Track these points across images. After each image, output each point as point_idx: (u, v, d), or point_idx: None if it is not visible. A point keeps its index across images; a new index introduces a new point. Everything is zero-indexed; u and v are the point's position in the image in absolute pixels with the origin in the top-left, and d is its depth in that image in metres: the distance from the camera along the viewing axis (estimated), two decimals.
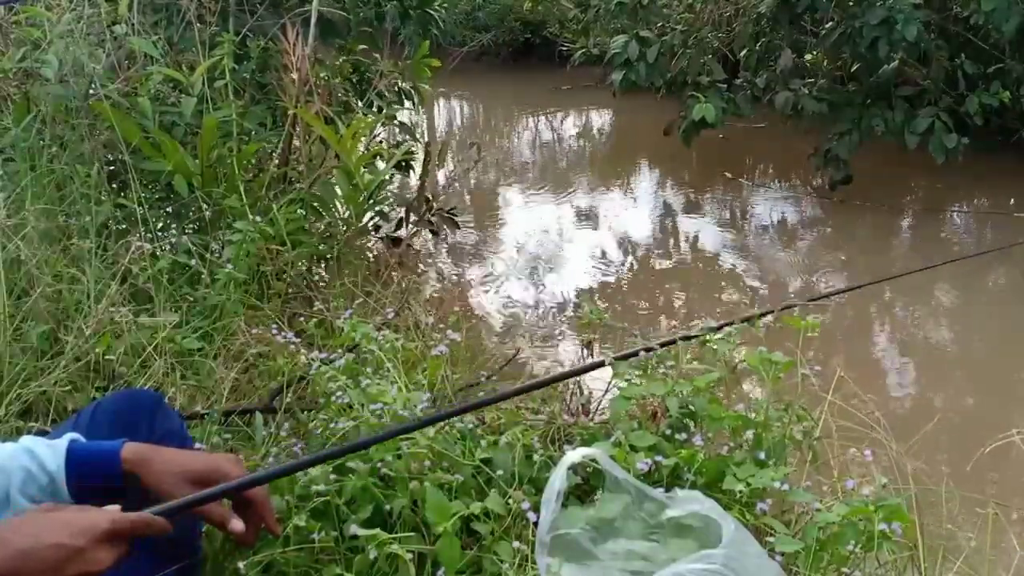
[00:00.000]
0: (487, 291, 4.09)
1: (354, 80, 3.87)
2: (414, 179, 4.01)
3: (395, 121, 3.85)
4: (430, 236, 4.15)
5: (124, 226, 2.62)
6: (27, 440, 1.10)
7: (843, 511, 1.47)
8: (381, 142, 3.70)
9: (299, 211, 2.81)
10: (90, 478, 1.08)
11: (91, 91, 2.63)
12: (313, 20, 3.22)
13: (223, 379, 2.06)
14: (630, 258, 4.69)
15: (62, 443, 1.09)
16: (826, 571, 1.48)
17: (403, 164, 3.85)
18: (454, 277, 4.26)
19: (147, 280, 2.28)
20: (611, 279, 4.37)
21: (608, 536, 1.39)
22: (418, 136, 3.92)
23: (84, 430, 1.17)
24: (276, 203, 2.76)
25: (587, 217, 5.38)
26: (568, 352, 3.40)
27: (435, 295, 3.52)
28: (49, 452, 1.08)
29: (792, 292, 4.17)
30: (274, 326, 2.29)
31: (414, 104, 4.03)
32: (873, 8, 4.74)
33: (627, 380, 1.78)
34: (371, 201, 3.10)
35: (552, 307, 3.95)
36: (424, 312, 2.59)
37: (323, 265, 3.01)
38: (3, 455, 1.07)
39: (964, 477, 2.03)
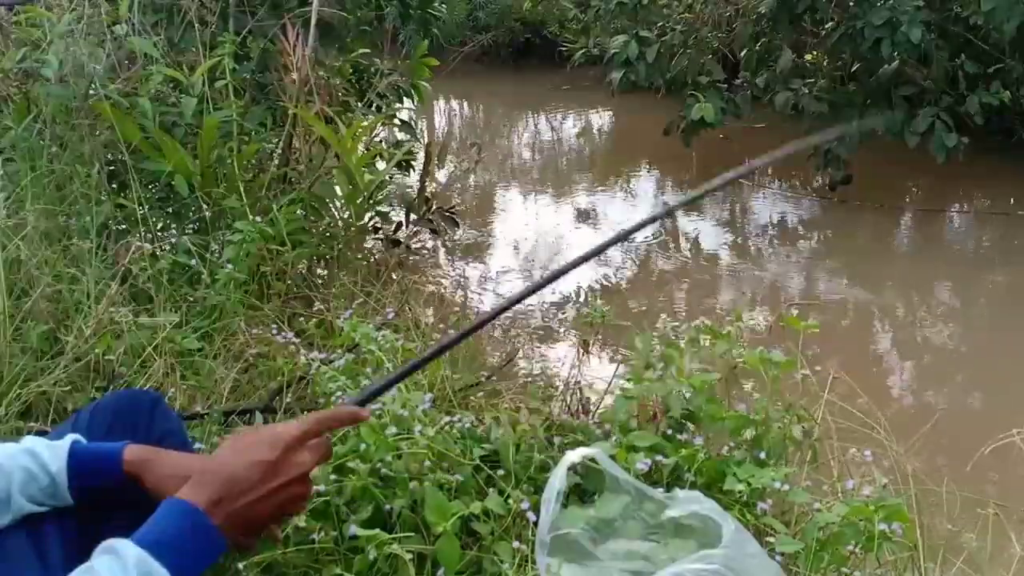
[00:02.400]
0: (487, 291, 4.09)
1: (354, 80, 3.87)
2: (414, 179, 4.01)
3: (395, 121, 3.85)
4: (430, 236, 4.15)
5: (124, 226, 2.62)
6: (28, 441, 1.10)
7: (843, 511, 1.47)
8: (381, 142, 3.70)
9: (299, 211, 2.81)
10: (91, 479, 1.08)
11: (91, 91, 2.63)
12: (313, 21, 3.22)
13: (223, 379, 2.06)
14: (630, 258, 4.69)
15: (63, 444, 1.09)
16: (826, 571, 1.48)
17: (403, 164, 3.85)
18: (454, 277, 4.26)
19: (147, 280, 2.28)
20: (611, 279, 4.37)
21: (608, 536, 1.39)
22: (418, 136, 3.92)
23: (83, 430, 1.17)
24: (276, 203, 2.76)
25: (587, 216, 5.38)
26: (568, 351, 3.40)
27: (435, 295, 3.52)
28: (50, 453, 1.07)
29: (792, 292, 4.17)
30: (274, 326, 2.29)
31: (414, 104, 4.03)
32: (876, 9, 4.73)
33: (628, 380, 1.78)
34: (371, 201, 3.10)
35: (552, 307, 3.95)
36: (424, 312, 2.59)
37: (323, 265, 3.01)
38: (3, 455, 1.06)
39: (964, 477, 2.03)
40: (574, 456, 1.35)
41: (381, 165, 3.32)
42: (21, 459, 1.06)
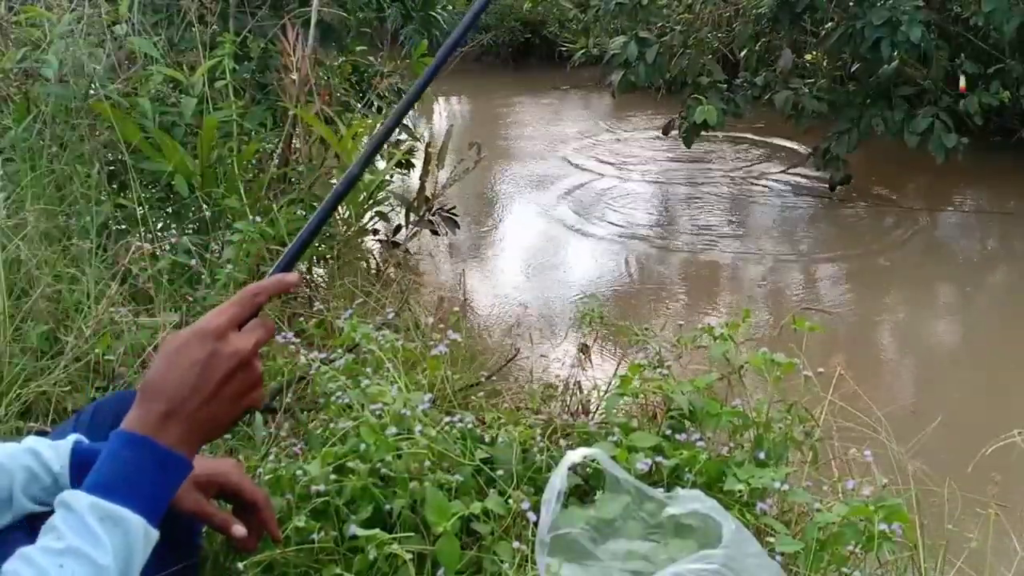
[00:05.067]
0: (487, 291, 4.09)
1: (354, 80, 3.87)
2: (414, 179, 4.01)
3: None
4: (430, 236, 4.15)
5: (124, 226, 2.62)
6: (31, 440, 1.10)
7: (843, 511, 1.47)
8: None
9: (299, 211, 2.81)
10: None
11: (91, 91, 2.63)
12: (313, 21, 3.22)
13: None
14: (629, 257, 4.69)
15: (66, 444, 1.09)
16: (826, 571, 1.48)
17: (403, 164, 3.85)
18: (454, 277, 4.26)
19: (147, 280, 2.28)
20: (611, 278, 4.37)
21: (608, 536, 1.38)
22: (418, 136, 3.92)
23: (84, 430, 1.17)
24: (276, 203, 2.76)
25: (586, 217, 5.38)
26: (568, 351, 3.39)
27: (435, 295, 3.51)
28: (53, 453, 1.07)
29: (791, 292, 4.17)
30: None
31: (414, 105, 4.02)
32: (876, 9, 4.74)
33: (622, 377, 1.78)
34: (371, 201, 3.10)
35: (552, 306, 3.95)
36: (424, 312, 2.59)
37: (323, 265, 3.01)
38: (6, 455, 1.06)
39: (965, 477, 2.02)
40: (575, 456, 1.35)
41: (381, 165, 3.31)
42: (23, 459, 1.06)
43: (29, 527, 1.06)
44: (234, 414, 0.89)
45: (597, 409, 2.02)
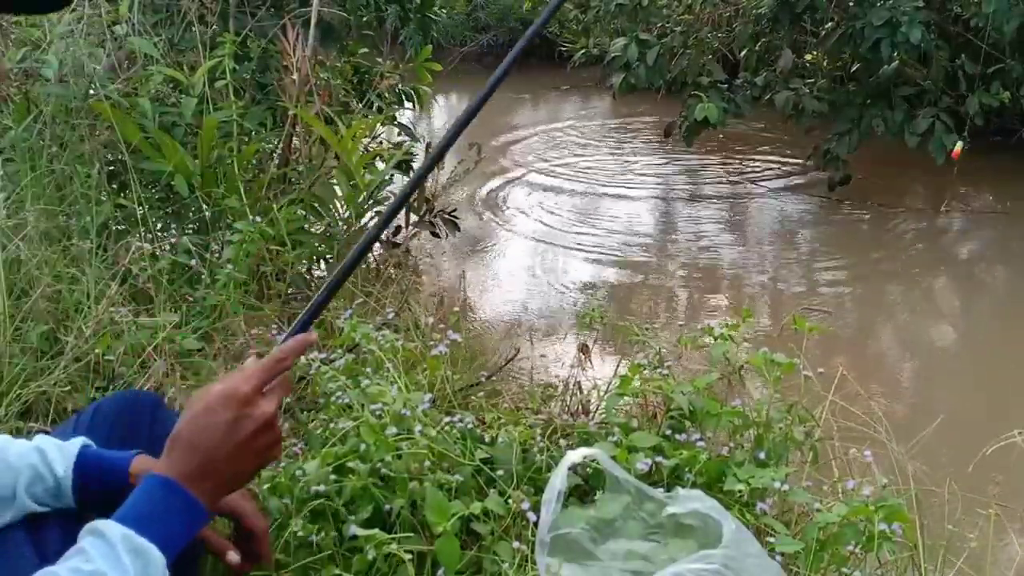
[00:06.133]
0: (487, 291, 4.09)
1: (354, 81, 3.87)
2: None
3: (395, 122, 3.85)
4: (430, 236, 4.15)
5: (124, 226, 2.62)
6: (40, 440, 1.10)
7: (843, 511, 1.47)
8: (381, 143, 3.70)
9: (299, 211, 2.80)
10: (96, 486, 1.09)
11: (91, 91, 2.63)
12: (313, 21, 3.22)
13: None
14: (630, 258, 4.69)
15: (73, 448, 1.10)
16: (826, 571, 1.48)
17: (403, 164, 3.85)
18: (454, 277, 4.26)
19: (147, 280, 2.28)
20: (611, 279, 4.37)
21: (608, 536, 1.38)
22: (418, 137, 3.92)
23: (84, 431, 1.17)
24: (276, 203, 2.75)
25: (586, 217, 5.38)
26: (568, 351, 3.40)
27: (435, 295, 3.51)
28: (59, 455, 1.08)
29: (791, 292, 4.17)
30: (274, 326, 2.29)
31: (414, 105, 4.03)
32: (876, 9, 4.74)
33: (622, 377, 1.78)
34: (371, 201, 3.10)
35: (552, 307, 3.95)
36: (424, 312, 2.59)
37: (323, 265, 3.01)
38: (15, 453, 1.07)
39: (965, 478, 2.03)
40: (575, 456, 1.35)
41: (381, 165, 3.31)
42: (30, 457, 1.07)
43: (29, 526, 1.06)
44: (256, 468, 0.99)
45: (597, 409, 2.02)
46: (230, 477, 0.96)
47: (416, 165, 3.65)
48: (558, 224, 5.19)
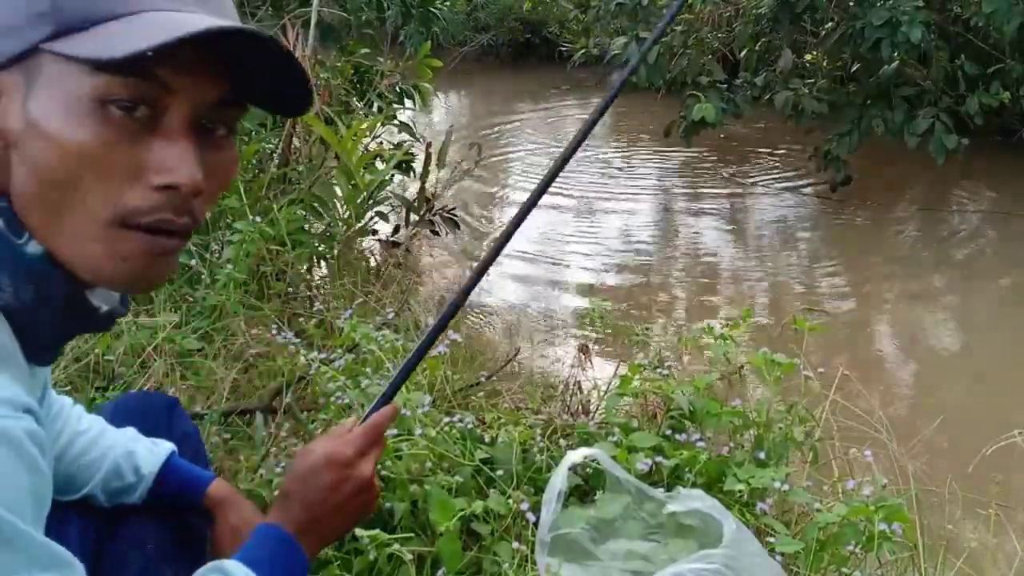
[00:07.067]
0: (487, 291, 4.09)
1: (355, 81, 3.87)
2: (414, 179, 4.02)
3: (395, 121, 3.85)
4: (430, 236, 4.15)
5: None
6: (131, 435, 1.13)
7: (843, 511, 1.46)
8: (381, 143, 3.70)
9: (299, 211, 2.80)
10: (168, 495, 1.12)
11: None
12: (313, 21, 3.22)
13: (223, 379, 2.05)
14: (630, 258, 4.69)
15: (162, 452, 1.13)
16: (826, 571, 1.48)
17: (403, 164, 3.85)
18: (454, 277, 4.26)
19: None
20: (611, 279, 4.37)
21: (608, 536, 1.38)
22: (418, 136, 3.92)
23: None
24: (276, 203, 2.75)
25: (586, 217, 5.38)
26: (568, 351, 3.40)
27: (435, 295, 3.51)
28: (149, 457, 1.12)
29: (792, 293, 4.17)
30: (274, 326, 2.29)
31: (415, 104, 4.03)
32: (876, 9, 4.73)
33: (623, 377, 1.78)
34: (371, 201, 3.10)
35: (553, 307, 3.95)
36: (424, 312, 2.59)
37: (323, 265, 3.01)
38: (105, 444, 1.09)
39: (965, 478, 2.03)
40: (575, 456, 1.35)
41: (381, 165, 3.31)
42: (118, 451, 1.10)
43: (52, 515, 1.06)
44: (353, 524, 1.07)
45: (597, 409, 2.02)
46: (332, 531, 1.03)
47: (416, 165, 3.65)
48: (558, 223, 5.19)
